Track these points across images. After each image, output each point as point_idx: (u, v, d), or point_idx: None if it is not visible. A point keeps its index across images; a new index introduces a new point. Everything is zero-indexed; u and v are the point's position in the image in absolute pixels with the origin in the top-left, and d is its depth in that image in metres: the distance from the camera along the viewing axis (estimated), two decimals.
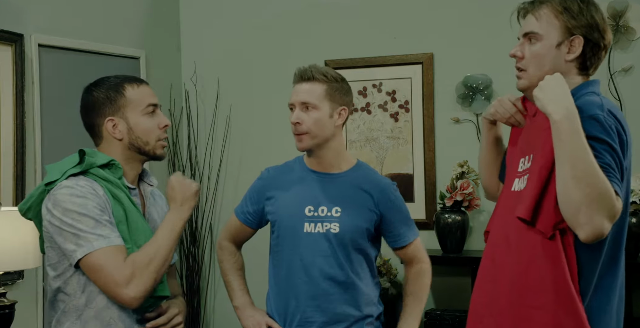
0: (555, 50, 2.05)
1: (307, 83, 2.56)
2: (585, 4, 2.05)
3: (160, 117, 2.29)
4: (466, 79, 4.02)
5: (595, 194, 1.79)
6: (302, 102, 2.54)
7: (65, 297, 2.17)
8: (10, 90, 3.49)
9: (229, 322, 4.60)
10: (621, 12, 3.72)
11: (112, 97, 2.23)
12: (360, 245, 2.55)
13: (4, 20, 3.46)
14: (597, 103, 1.96)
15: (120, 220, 2.17)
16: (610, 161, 1.87)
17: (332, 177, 2.58)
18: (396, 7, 4.23)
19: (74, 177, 2.16)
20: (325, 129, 2.53)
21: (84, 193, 2.12)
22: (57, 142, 3.69)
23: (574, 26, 2.03)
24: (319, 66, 2.61)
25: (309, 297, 2.56)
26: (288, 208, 2.60)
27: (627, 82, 3.79)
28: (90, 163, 2.18)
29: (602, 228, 1.82)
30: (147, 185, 2.37)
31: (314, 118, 2.52)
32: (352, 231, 2.53)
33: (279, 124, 4.43)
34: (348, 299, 2.55)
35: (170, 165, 4.52)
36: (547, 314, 1.93)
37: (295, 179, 2.63)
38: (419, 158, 4.15)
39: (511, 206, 2.05)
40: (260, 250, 3.00)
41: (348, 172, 2.59)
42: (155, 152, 2.29)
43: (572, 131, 1.84)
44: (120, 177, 2.22)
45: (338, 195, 2.56)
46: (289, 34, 4.45)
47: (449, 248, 3.89)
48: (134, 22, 4.35)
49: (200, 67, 4.62)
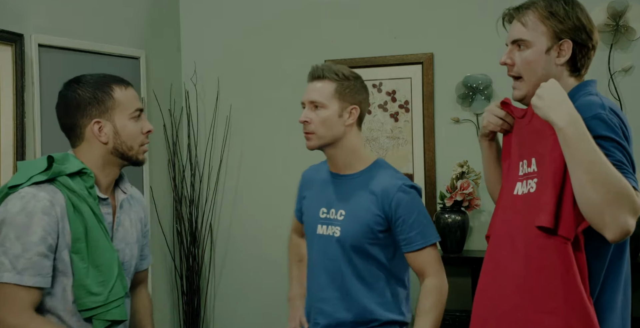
0: (545, 55, 2.05)
1: (318, 81, 2.52)
2: (570, 6, 2.04)
3: (144, 122, 2.21)
4: (466, 79, 4.02)
5: (614, 194, 1.79)
6: (311, 101, 2.51)
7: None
8: (10, 90, 3.49)
9: (229, 322, 4.60)
10: (621, 12, 3.72)
11: (99, 97, 2.13)
12: (365, 250, 2.49)
13: (4, 20, 3.46)
14: (598, 103, 1.96)
15: (79, 237, 2.06)
16: (621, 157, 1.88)
17: (345, 178, 2.56)
18: (396, 7, 4.23)
19: (37, 185, 2.06)
20: (334, 129, 2.50)
21: (35, 211, 2.00)
22: (57, 142, 3.67)
23: (561, 30, 2.03)
24: (333, 65, 2.57)
25: (316, 299, 2.59)
26: (309, 209, 2.64)
27: (627, 82, 3.79)
28: (58, 171, 2.07)
29: (628, 225, 1.81)
30: (121, 192, 2.27)
31: (321, 117, 2.49)
32: (352, 235, 2.49)
33: (279, 124, 4.44)
34: (348, 306, 2.51)
35: (170, 165, 4.52)
36: (558, 319, 1.92)
37: (320, 180, 2.65)
38: (419, 158, 4.15)
39: (517, 210, 2.04)
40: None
41: (361, 173, 2.54)
42: (137, 157, 2.21)
43: (579, 135, 1.84)
44: (91, 186, 2.12)
45: (346, 197, 2.53)
46: (289, 34, 4.45)
47: (449, 248, 3.89)
48: (134, 22, 4.34)
49: (200, 67, 4.62)
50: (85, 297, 2.06)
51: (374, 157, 2.59)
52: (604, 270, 1.97)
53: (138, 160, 2.21)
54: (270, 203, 4.48)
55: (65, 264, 2.06)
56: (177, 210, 4.54)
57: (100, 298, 2.07)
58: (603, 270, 1.97)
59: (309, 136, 2.53)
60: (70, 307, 2.08)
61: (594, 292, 1.96)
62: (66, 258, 2.06)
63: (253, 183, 4.54)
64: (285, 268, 4.45)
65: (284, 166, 4.45)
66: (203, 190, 4.59)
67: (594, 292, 1.96)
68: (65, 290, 2.08)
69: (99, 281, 2.08)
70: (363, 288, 2.49)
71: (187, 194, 4.57)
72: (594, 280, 1.96)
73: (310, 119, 2.50)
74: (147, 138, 2.22)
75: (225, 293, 4.62)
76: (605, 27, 3.75)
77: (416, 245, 2.46)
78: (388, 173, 2.53)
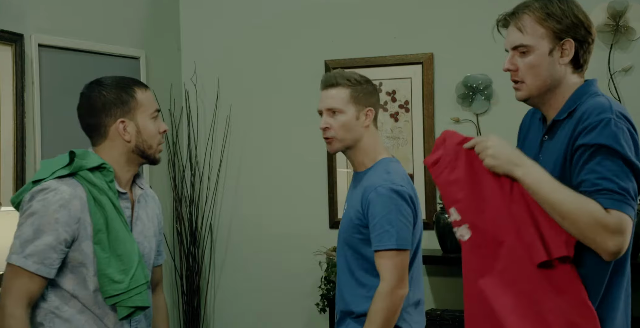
0: (549, 57, 2.03)
1: (332, 89, 2.64)
2: (565, 4, 2.02)
3: (160, 122, 2.33)
4: (466, 79, 4.02)
5: (585, 225, 1.85)
6: (329, 108, 2.63)
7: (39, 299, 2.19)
8: (10, 90, 3.49)
9: (229, 322, 4.61)
10: (621, 12, 3.72)
11: (123, 98, 2.25)
12: (353, 244, 2.60)
13: (4, 20, 3.47)
14: (606, 105, 1.95)
15: (100, 228, 2.17)
16: (607, 171, 1.87)
17: (357, 175, 2.70)
18: (396, 7, 4.23)
19: (60, 179, 2.17)
20: (353, 132, 2.62)
21: (53, 203, 2.13)
22: (57, 142, 3.69)
23: (561, 30, 2.01)
24: (343, 71, 2.69)
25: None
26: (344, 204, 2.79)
27: (627, 82, 3.79)
28: (80, 165, 2.18)
29: (612, 248, 1.86)
30: (138, 188, 2.38)
31: (341, 122, 2.61)
32: (344, 230, 2.64)
33: (279, 124, 4.44)
34: (339, 296, 2.66)
35: (170, 165, 4.52)
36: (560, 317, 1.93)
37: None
38: (419, 158, 4.15)
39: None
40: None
41: (366, 170, 2.65)
42: (155, 156, 2.33)
43: (537, 180, 1.91)
44: (111, 180, 2.22)
45: (350, 194, 2.71)
46: (289, 34, 4.45)
47: (449, 248, 3.88)
48: (134, 22, 4.35)
49: (200, 67, 4.62)
50: (108, 284, 2.16)
51: (383, 155, 2.67)
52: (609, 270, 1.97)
53: (155, 159, 2.33)
54: (270, 203, 4.48)
55: (85, 255, 2.17)
56: (177, 210, 4.54)
57: (122, 285, 2.17)
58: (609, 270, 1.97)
59: (330, 140, 2.65)
60: (90, 295, 2.19)
61: (599, 291, 1.96)
62: (87, 249, 2.17)
63: (253, 183, 4.54)
64: (285, 268, 4.46)
65: (284, 166, 4.45)
66: (203, 190, 4.59)
67: (599, 291, 1.96)
68: (85, 280, 2.18)
69: (121, 270, 2.18)
70: (351, 281, 2.60)
71: (187, 194, 4.57)
72: (599, 280, 1.96)
73: (330, 125, 2.63)
74: (163, 137, 2.35)
75: (225, 293, 4.62)
76: (605, 27, 3.75)
77: (374, 246, 2.53)
78: (379, 172, 2.60)
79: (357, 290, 2.58)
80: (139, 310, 2.23)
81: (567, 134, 1.98)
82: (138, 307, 2.22)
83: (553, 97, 2.05)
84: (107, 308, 2.21)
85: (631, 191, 1.88)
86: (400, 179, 2.57)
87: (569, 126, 1.99)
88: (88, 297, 2.18)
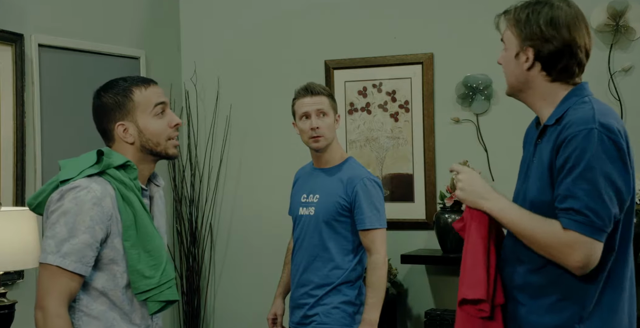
0: (515, 60, 2.08)
1: (316, 96, 3.17)
2: (535, 12, 2.03)
3: (170, 116, 2.31)
4: (466, 79, 4.02)
5: (549, 248, 1.96)
6: (319, 110, 3.15)
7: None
8: (10, 90, 3.49)
9: (229, 322, 4.61)
10: (621, 12, 3.72)
11: (120, 102, 2.25)
12: (332, 225, 3.13)
13: (4, 20, 3.47)
14: (588, 115, 1.94)
15: (129, 225, 2.19)
16: (576, 191, 1.90)
17: (323, 171, 3.24)
18: (396, 7, 4.23)
19: (89, 177, 2.18)
20: (333, 133, 3.19)
21: (86, 201, 2.13)
22: (57, 142, 3.69)
23: (524, 38, 2.05)
24: (316, 83, 3.24)
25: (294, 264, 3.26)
26: (295, 196, 3.34)
27: (627, 82, 3.79)
28: (108, 163, 2.20)
29: (572, 262, 1.93)
30: (154, 185, 2.40)
31: (327, 123, 3.16)
32: (323, 213, 3.14)
33: (279, 124, 4.44)
34: (314, 270, 3.14)
35: (170, 165, 4.52)
36: None
37: (305, 174, 3.35)
38: (418, 158, 4.15)
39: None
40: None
41: (335, 167, 3.21)
42: (167, 152, 2.30)
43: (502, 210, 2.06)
44: (135, 178, 2.24)
45: (321, 185, 3.20)
46: (289, 34, 4.45)
47: (449, 248, 3.88)
48: (134, 22, 4.35)
49: (200, 67, 4.62)
50: (139, 280, 2.19)
51: (346, 155, 3.27)
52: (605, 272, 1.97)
53: (168, 154, 2.31)
54: (270, 203, 4.48)
55: (116, 251, 2.18)
56: (177, 209, 4.55)
57: (153, 280, 2.21)
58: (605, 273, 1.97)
59: (319, 139, 3.15)
60: (120, 292, 2.20)
61: (594, 294, 1.96)
62: (118, 245, 2.19)
63: (253, 182, 4.54)
64: None
65: (283, 166, 4.45)
66: (203, 190, 4.59)
67: (594, 294, 1.96)
68: (115, 277, 2.20)
69: (151, 265, 2.21)
70: (327, 256, 3.13)
71: (187, 194, 4.57)
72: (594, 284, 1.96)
73: (320, 125, 3.14)
74: (177, 130, 2.33)
75: (225, 293, 4.62)
76: (605, 27, 3.75)
77: (366, 224, 3.09)
78: (356, 167, 3.20)
79: (329, 264, 3.11)
80: (169, 304, 2.26)
81: (552, 141, 1.98)
82: (169, 301, 2.25)
83: (529, 100, 2.10)
84: (136, 304, 2.23)
85: (600, 211, 1.89)
86: (372, 173, 3.27)
87: (555, 133, 1.99)
88: (118, 294, 2.20)
